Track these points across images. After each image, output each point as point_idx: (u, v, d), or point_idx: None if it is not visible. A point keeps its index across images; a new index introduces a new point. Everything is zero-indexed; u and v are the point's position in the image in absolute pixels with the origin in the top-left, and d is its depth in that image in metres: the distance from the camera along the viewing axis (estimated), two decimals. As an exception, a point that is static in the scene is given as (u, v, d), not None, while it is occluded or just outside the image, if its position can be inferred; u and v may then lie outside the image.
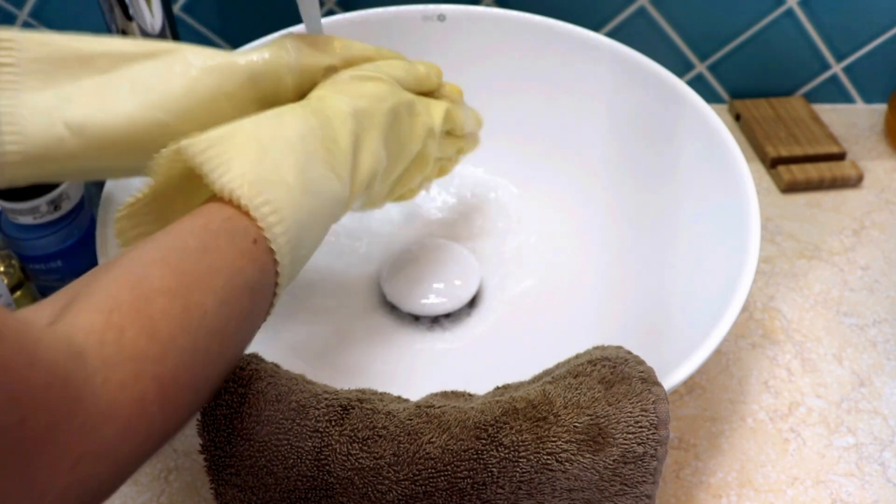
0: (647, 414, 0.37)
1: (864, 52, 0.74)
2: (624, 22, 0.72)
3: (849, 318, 0.59)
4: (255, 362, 0.39)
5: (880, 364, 0.56)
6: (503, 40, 0.61)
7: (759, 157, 0.72)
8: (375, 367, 0.52)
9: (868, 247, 0.64)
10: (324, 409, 0.37)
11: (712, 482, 0.49)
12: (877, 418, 0.53)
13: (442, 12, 0.61)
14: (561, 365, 0.42)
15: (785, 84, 0.77)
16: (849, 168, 0.70)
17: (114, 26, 0.55)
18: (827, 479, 0.50)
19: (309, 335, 0.53)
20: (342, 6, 0.71)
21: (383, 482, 0.36)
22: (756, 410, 0.53)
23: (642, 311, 0.52)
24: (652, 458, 0.37)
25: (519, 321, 0.55)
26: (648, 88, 0.57)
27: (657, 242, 0.55)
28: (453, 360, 0.53)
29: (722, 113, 0.76)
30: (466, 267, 0.57)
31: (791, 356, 0.56)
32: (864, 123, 0.76)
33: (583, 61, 0.60)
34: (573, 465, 0.36)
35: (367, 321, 0.55)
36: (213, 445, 0.37)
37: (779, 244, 0.64)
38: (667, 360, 0.41)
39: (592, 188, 0.60)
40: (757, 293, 0.60)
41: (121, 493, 0.48)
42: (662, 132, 0.57)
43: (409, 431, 0.37)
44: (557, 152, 0.62)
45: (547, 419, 0.37)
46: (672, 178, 0.56)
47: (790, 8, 0.71)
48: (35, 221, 0.52)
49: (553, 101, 0.62)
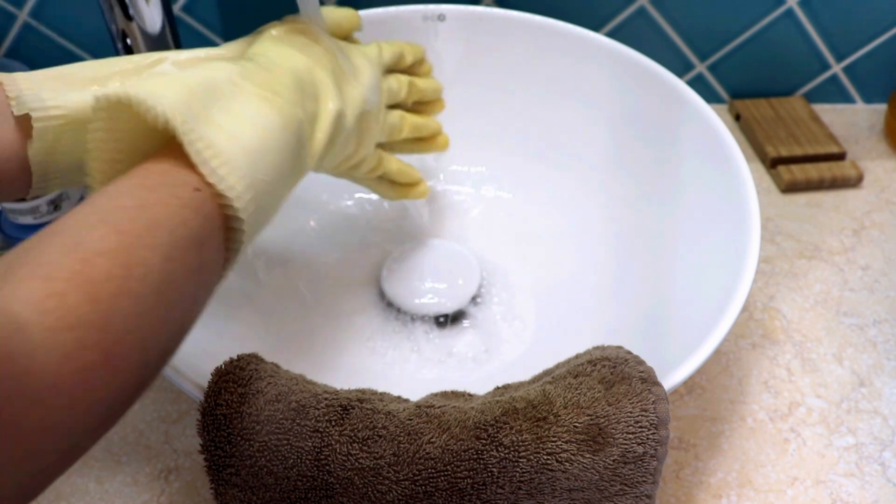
0: (647, 414, 0.37)
1: (864, 52, 0.74)
2: (624, 22, 0.72)
3: (849, 318, 0.59)
4: (255, 362, 0.39)
5: (880, 364, 0.56)
6: (503, 40, 0.61)
7: (759, 157, 0.72)
8: (375, 367, 0.52)
9: (868, 247, 0.64)
10: (324, 409, 0.37)
11: (712, 482, 0.49)
12: (877, 418, 0.53)
13: (442, 12, 0.61)
14: (561, 365, 0.42)
15: (785, 84, 0.77)
16: (849, 168, 0.70)
17: (114, 26, 0.55)
18: (827, 479, 0.50)
19: (309, 335, 0.53)
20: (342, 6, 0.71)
21: (383, 482, 0.36)
22: (756, 410, 0.53)
23: (642, 311, 0.51)
24: (652, 458, 0.37)
25: (519, 321, 0.55)
26: (648, 88, 0.57)
27: (657, 242, 0.55)
28: (453, 360, 0.53)
29: (722, 113, 0.76)
30: (466, 267, 0.57)
31: (791, 356, 0.56)
32: (864, 123, 0.76)
33: (583, 61, 0.60)
34: (573, 465, 0.36)
35: (367, 321, 0.55)
36: (213, 445, 0.37)
37: (779, 244, 0.64)
38: (667, 360, 0.41)
39: (592, 188, 0.60)
40: (757, 293, 0.60)
41: (121, 493, 0.48)
42: (662, 132, 0.57)
43: (409, 431, 0.37)
44: (557, 152, 0.62)
45: (547, 419, 0.37)
46: (672, 178, 0.56)
47: (790, 8, 0.71)
48: (35, 221, 0.52)
49: (553, 101, 0.62)
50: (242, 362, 0.39)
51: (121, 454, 0.50)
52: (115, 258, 0.28)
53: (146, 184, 0.31)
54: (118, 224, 0.29)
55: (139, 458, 0.50)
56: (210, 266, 0.33)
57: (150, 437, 0.51)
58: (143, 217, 0.30)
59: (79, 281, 0.27)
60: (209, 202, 0.32)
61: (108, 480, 0.49)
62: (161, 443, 0.51)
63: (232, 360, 0.39)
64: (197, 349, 0.44)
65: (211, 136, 0.32)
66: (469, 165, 0.64)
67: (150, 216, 0.30)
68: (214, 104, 0.34)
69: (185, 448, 0.50)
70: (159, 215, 0.30)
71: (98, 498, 0.48)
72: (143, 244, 0.29)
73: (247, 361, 0.39)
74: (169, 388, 0.53)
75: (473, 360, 0.53)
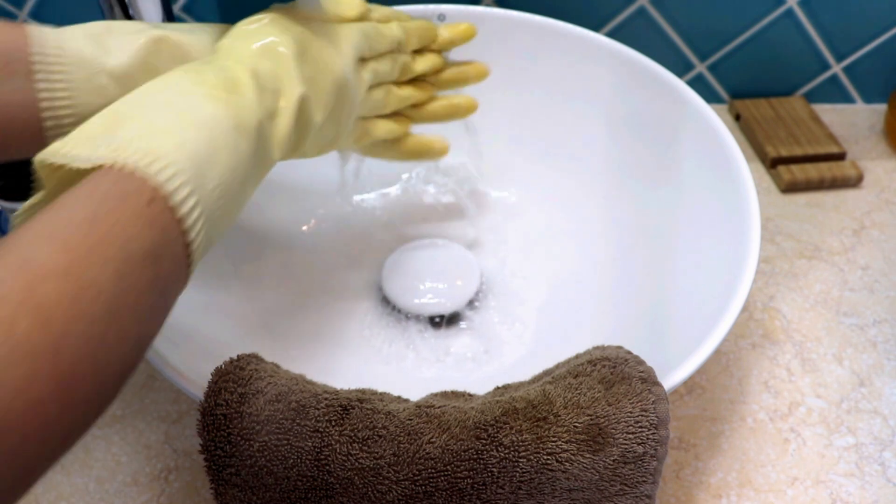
0: (647, 414, 0.37)
1: (864, 52, 0.74)
2: (624, 22, 0.72)
3: (849, 318, 0.59)
4: (255, 362, 0.39)
5: (880, 364, 0.56)
6: (503, 40, 0.61)
7: (759, 157, 0.72)
8: (375, 368, 0.52)
9: (868, 247, 0.64)
10: (324, 409, 0.37)
11: (712, 482, 0.49)
12: (877, 418, 0.53)
13: (442, 12, 0.61)
14: (561, 365, 0.42)
15: (785, 84, 0.77)
16: (849, 168, 0.70)
17: (114, 26, 0.55)
18: (827, 479, 0.50)
19: (309, 335, 0.53)
20: (342, 6, 0.70)
21: (383, 482, 0.36)
22: (756, 410, 0.53)
23: (642, 311, 0.51)
24: (652, 458, 0.37)
25: (519, 321, 0.55)
26: (648, 88, 0.57)
27: (657, 242, 0.55)
28: (453, 361, 0.53)
29: (722, 113, 0.76)
30: (466, 267, 0.57)
31: (791, 356, 0.56)
32: (864, 123, 0.76)
33: (583, 61, 0.60)
34: (573, 465, 0.36)
35: (367, 321, 0.55)
36: (213, 445, 0.37)
37: (779, 244, 0.64)
38: (667, 360, 0.41)
39: (592, 188, 0.60)
40: (757, 293, 0.60)
41: (121, 492, 0.48)
42: (662, 132, 0.57)
43: (409, 431, 0.37)
44: (557, 152, 0.62)
45: (547, 419, 0.37)
46: (672, 178, 0.56)
47: (790, 8, 0.71)
48: (35, 221, 0.52)
49: (553, 100, 0.62)
50: (242, 362, 0.39)
51: (121, 454, 0.50)
52: (64, 279, 0.27)
53: (96, 194, 0.30)
54: (67, 241, 0.28)
55: (139, 458, 0.50)
56: (169, 277, 0.32)
57: (150, 437, 0.51)
58: (93, 232, 0.28)
59: (29, 305, 0.25)
60: (164, 215, 0.31)
61: (108, 480, 0.49)
62: (161, 443, 0.51)
63: (232, 360, 0.39)
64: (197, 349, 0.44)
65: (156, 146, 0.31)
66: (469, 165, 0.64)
67: (101, 231, 0.29)
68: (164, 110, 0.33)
69: (185, 448, 0.50)
70: (111, 229, 0.29)
71: (98, 498, 0.48)
72: (94, 262, 0.28)
73: (247, 361, 0.39)
74: (169, 388, 0.53)
75: (473, 360, 0.53)
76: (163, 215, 0.31)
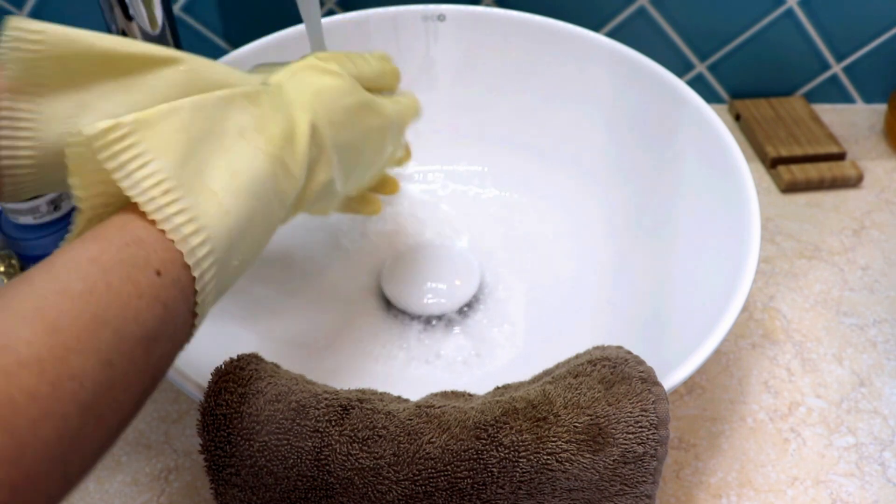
0: (647, 414, 0.37)
1: (864, 52, 0.74)
2: (624, 22, 0.72)
3: (849, 318, 0.59)
4: (255, 362, 0.39)
5: (880, 364, 0.56)
6: (503, 40, 0.61)
7: (759, 157, 0.72)
8: (375, 368, 0.52)
9: (868, 247, 0.64)
10: (324, 409, 0.37)
11: (712, 482, 0.49)
12: (877, 418, 0.53)
13: (442, 12, 0.61)
14: (561, 365, 0.42)
15: (785, 84, 0.77)
16: (849, 168, 0.70)
17: (114, 26, 0.55)
18: (827, 479, 0.50)
19: (309, 335, 0.53)
20: (342, 6, 0.71)
21: (383, 482, 0.36)
22: (756, 410, 0.53)
23: (642, 311, 0.51)
24: (652, 458, 0.37)
25: (519, 321, 0.55)
26: (648, 88, 0.57)
27: (657, 242, 0.55)
28: (453, 360, 0.53)
29: (722, 113, 0.76)
30: (466, 267, 0.57)
31: (791, 356, 0.56)
32: (864, 123, 0.76)
33: (583, 61, 0.60)
34: (573, 465, 0.36)
35: (367, 321, 0.55)
36: (213, 445, 0.37)
37: (779, 244, 0.64)
38: (667, 360, 0.41)
39: (592, 188, 0.60)
40: (757, 293, 0.60)
41: (121, 493, 0.48)
42: (662, 132, 0.57)
43: (409, 431, 0.37)
44: (557, 152, 0.62)
45: (547, 419, 0.37)
46: (672, 178, 0.56)
47: (790, 8, 0.71)
48: (35, 221, 0.52)
49: (553, 100, 0.62)
50: (242, 362, 0.39)
51: (121, 454, 0.50)
52: (42, 372, 0.24)
53: (101, 260, 0.27)
54: (56, 320, 0.25)
55: (139, 458, 0.50)
56: (162, 360, 0.29)
57: (150, 437, 0.51)
58: (88, 309, 0.26)
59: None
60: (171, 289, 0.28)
61: (108, 480, 0.49)
62: (161, 443, 0.51)
63: (232, 360, 0.39)
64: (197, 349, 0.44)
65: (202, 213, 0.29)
66: (469, 165, 0.64)
67: (97, 309, 0.26)
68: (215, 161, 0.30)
69: (185, 448, 0.50)
70: (108, 308, 0.26)
71: (98, 498, 0.48)
72: (81, 348, 0.25)
73: (247, 361, 0.39)
74: (169, 388, 0.53)
75: (473, 360, 0.53)
76: (172, 288, 0.28)
